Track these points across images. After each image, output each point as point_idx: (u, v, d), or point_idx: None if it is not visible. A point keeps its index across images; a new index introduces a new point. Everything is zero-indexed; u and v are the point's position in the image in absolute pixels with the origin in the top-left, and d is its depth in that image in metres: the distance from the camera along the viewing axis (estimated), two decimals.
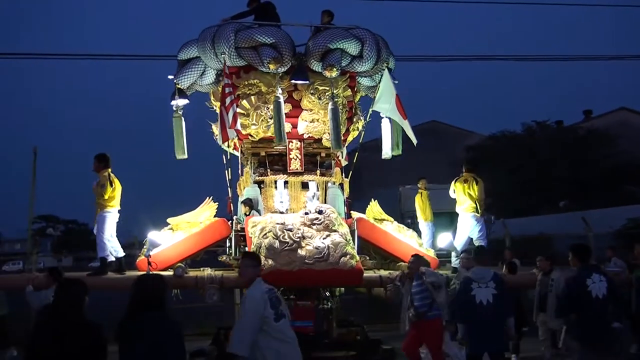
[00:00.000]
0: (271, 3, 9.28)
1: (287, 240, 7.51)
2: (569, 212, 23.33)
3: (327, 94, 8.56)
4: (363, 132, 9.52)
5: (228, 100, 8.11)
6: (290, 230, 7.64)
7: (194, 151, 9.39)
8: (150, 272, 7.50)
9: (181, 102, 9.05)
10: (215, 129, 9.28)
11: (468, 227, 8.92)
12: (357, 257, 7.70)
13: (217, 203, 9.09)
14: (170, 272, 7.95)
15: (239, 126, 8.16)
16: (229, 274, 7.98)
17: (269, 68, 8.16)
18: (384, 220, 9.28)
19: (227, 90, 8.20)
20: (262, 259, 7.41)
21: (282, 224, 7.74)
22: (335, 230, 7.83)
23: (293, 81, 8.46)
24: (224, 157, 9.32)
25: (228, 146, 9.47)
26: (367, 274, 8.10)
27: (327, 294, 8.21)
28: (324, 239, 7.65)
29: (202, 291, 7.80)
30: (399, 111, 8.54)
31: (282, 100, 8.24)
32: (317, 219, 7.92)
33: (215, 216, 9.06)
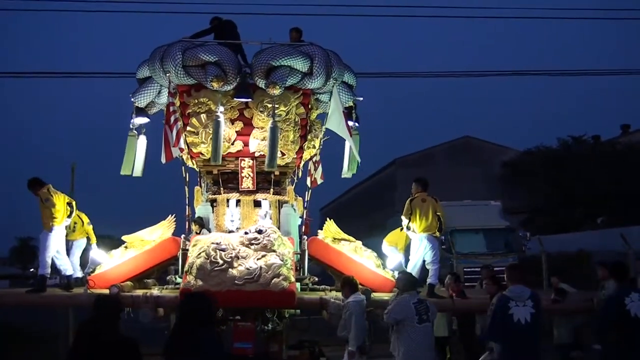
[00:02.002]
0: (231, 22, 9.27)
1: (218, 260, 7.41)
2: (608, 229, 22.22)
3: (277, 111, 8.42)
4: (319, 151, 9.30)
5: (172, 119, 8.13)
6: (224, 250, 7.53)
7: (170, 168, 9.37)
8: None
9: (140, 120, 9.14)
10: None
11: (423, 249, 8.49)
12: (292, 279, 7.49)
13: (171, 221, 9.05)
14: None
15: (182, 144, 8.14)
16: (166, 294, 7.91)
17: (213, 86, 8.11)
18: (342, 240, 9.01)
19: (171, 109, 8.23)
20: (192, 279, 7.36)
21: (217, 243, 7.63)
22: (273, 251, 7.66)
23: (236, 99, 8.37)
24: (183, 174, 9.30)
25: (192, 164, 9.49)
26: (308, 295, 7.90)
27: (269, 315, 8.00)
28: (258, 259, 7.50)
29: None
30: (347, 128, 8.30)
31: (221, 119, 8.14)
32: (255, 238, 7.77)
33: (175, 234, 9.04)
